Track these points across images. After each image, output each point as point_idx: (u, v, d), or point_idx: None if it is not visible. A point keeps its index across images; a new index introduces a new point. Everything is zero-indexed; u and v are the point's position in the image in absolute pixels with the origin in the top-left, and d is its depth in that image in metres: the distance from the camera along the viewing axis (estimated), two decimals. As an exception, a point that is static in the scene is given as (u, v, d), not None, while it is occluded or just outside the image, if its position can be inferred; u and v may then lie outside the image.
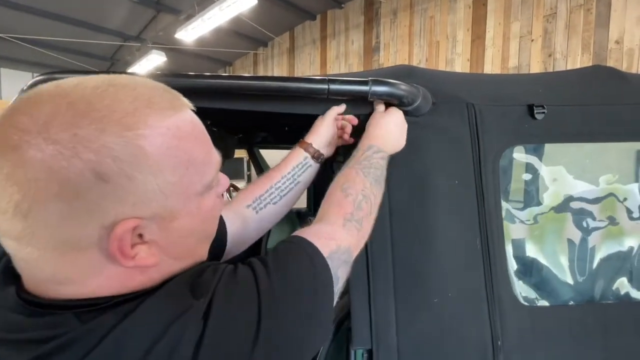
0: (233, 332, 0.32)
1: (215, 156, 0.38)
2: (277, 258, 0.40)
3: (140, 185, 0.30)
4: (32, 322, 0.30)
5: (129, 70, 5.34)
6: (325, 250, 0.43)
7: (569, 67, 3.07)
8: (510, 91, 0.80)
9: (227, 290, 0.33)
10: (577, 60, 3.03)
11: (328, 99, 0.69)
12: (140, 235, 0.32)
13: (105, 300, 0.31)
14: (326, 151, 0.72)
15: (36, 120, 0.27)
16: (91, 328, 0.29)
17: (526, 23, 3.30)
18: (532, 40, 3.26)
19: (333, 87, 0.67)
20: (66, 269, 0.30)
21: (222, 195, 0.43)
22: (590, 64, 2.96)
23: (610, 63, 2.86)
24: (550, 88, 0.81)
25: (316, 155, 0.70)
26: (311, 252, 0.42)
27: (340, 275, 0.44)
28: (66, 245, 0.29)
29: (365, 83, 0.68)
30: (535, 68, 3.24)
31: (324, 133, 0.71)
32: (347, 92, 0.68)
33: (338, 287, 0.44)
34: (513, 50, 3.37)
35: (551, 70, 3.16)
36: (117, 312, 0.30)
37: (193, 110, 0.36)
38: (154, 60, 4.95)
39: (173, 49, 5.19)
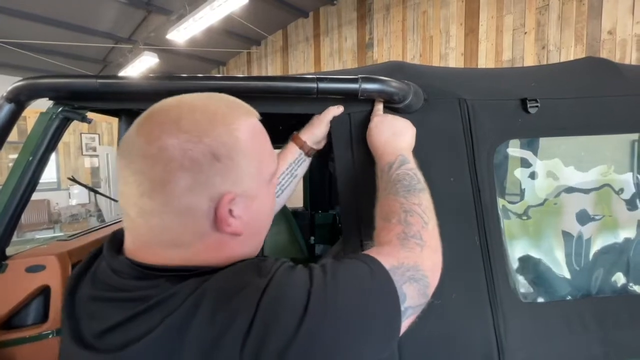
0: (281, 313, 0.34)
1: (275, 152, 0.47)
2: (335, 263, 0.41)
3: (237, 166, 0.39)
4: (134, 284, 0.38)
5: (122, 72, 5.29)
6: (386, 264, 0.43)
7: (563, 59, 3.06)
8: (503, 86, 0.79)
9: (285, 274, 0.38)
10: (571, 51, 3.02)
11: (317, 98, 0.68)
12: (231, 211, 0.39)
13: (194, 268, 0.38)
14: (317, 147, 0.76)
15: (170, 118, 0.38)
16: (177, 291, 0.35)
17: (519, 16, 3.28)
18: (526, 33, 3.25)
19: (322, 85, 0.66)
20: (183, 233, 0.38)
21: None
22: (584, 55, 2.96)
23: (604, 54, 2.86)
24: (543, 81, 0.81)
25: (309, 152, 0.75)
26: (370, 262, 0.42)
27: (407, 292, 0.42)
28: (187, 212, 0.37)
29: (355, 81, 0.67)
30: (529, 60, 3.23)
31: (318, 133, 0.74)
32: (336, 90, 0.67)
33: (406, 304, 0.42)
34: (507, 44, 3.36)
35: (545, 62, 3.15)
36: (198, 280, 0.36)
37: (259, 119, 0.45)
38: (146, 62, 4.89)
39: (165, 50, 5.13)
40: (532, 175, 0.79)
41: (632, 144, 0.84)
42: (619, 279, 0.79)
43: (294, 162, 0.74)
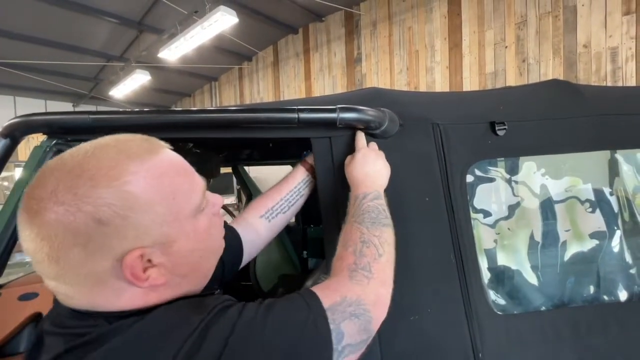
0: (203, 345, 0.36)
1: (199, 181, 0.44)
2: (274, 300, 0.42)
3: (136, 221, 0.37)
4: (76, 322, 0.39)
5: (114, 90, 5.32)
6: (327, 302, 0.43)
7: (542, 71, 3.19)
8: (473, 110, 0.84)
9: (220, 312, 0.39)
10: (550, 64, 3.16)
11: (298, 127, 0.72)
12: (149, 260, 0.38)
13: (130, 311, 0.39)
14: None
15: (46, 190, 0.36)
16: (114, 328, 0.37)
17: (499, 31, 3.43)
18: (506, 47, 3.39)
19: (303, 115, 0.71)
20: (96, 298, 0.38)
21: (219, 212, 0.48)
22: (562, 67, 3.09)
23: (580, 66, 2.99)
24: (510, 104, 0.86)
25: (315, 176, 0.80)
26: (310, 301, 0.43)
27: (345, 329, 0.42)
28: (91, 279, 0.37)
29: (333, 111, 0.71)
30: (511, 73, 3.36)
31: None
32: (316, 120, 0.72)
33: (343, 343, 0.42)
34: (489, 57, 3.49)
35: (526, 74, 3.28)
36: (135, 318, 0.37)
37: (171, 148, 0.43)
38: (138, 80, 4.95)
39: (157, 67, 5.20)
40: (503, 191, 0.84)
41: (609, 162, 0.89)
42: (590, 288, 0.84)
43: (301, 182, 0.81)
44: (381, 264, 0.53)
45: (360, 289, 0.48)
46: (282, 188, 0.80)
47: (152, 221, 0.38)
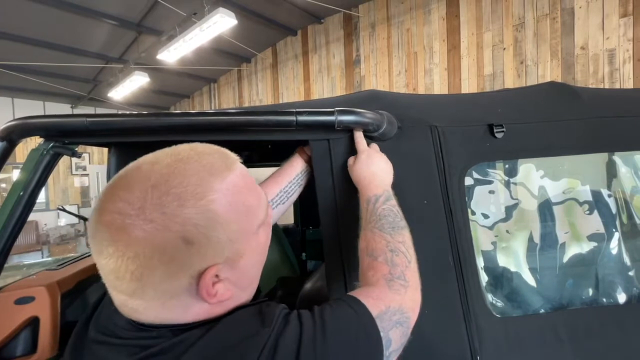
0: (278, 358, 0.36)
1: (263, 196, 0.45)
2: (324, 311, 0.43)
3: (216, 240, 0.38)
4: (138, 334, 0.39)
5: (113, 91, 5.31)
6: (374, 310, 0.44)
7: (540, 73, 3.20)
8: (471, 112, 0.84)
9: (281, 325, 0.39)
10: (547, 66, 3.17)
11: (297, 130, 0.72)
12: (217, 276, 0.39)
13: (194, 324, 0.39)
14: None
15: (132, 205, 0.35)
16: (181, 340, 0.37)
17: (497, 32, 3.44)
18: (504, 49, 3.40)
19: (301, 118, 0.70)
20: (165, 312, 0.38)
21: (270, 223, 0.49)
22: (559, 69, 3.10)
23: (578, 68, 3.00)
24: (508, 107, 0.87)
25: None
26: (358, 309, 0.44)
27: (392, 337, 0.45)
28: (166, 295, 0.37)
29: (331, 113, 0.71)
30: (509, 75, 3.37)
31: None
32: (314, 122, 0.72)
33: (390, 349, 0.44)
34: (487, 59, 3.50)
35: (524, 76, 3.29)
36: (202, 329, 0.38)
37: (241, 161, 0.44)
38: (137, 81, 4.93)
39: (156, 69, 5.20)
40: (501, 193, 0.84)
41: (607, 165, 0.89)
42: (589, 291, 0.84)
43: (300, 172, 0.80)
44: (412, 270, 0.55)
45: (400, 298, 0.49)
46: (281, 179, 0.78)
47: (227, 239, 0.39)
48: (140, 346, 0.38)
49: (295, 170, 0.79)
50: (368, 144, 0.73)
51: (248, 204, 0.41)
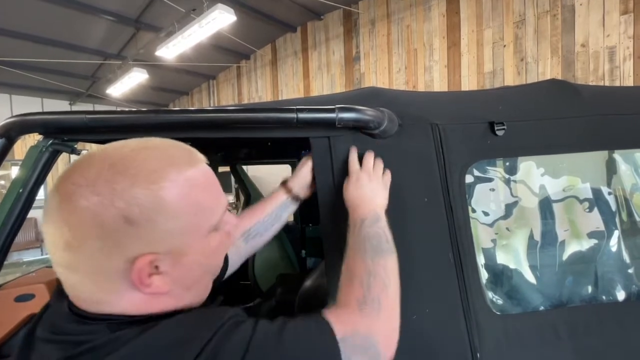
0: None
1: (222, 201, 0.45)
2: (286, 320, 0.43)
3: (158, 228, 0.38)
4: (74, 328, 0.39)
5: (111, 88, 5.29)
6: (339, 332, 0.44)
7: (541, 71, 3.19)
8: (472, 110, 0.84)
9: (229, 328, 0.39)
10: (548, 63, 3.16)
11: (297, 127, 0.72)
12: (157, 267, 0.39)
13: (130, 318, 0.39)
14: (304, 193, 0.80)
15: (87, 178, 0.36)
16: (116, 337, 0.36)
17: (498, 30, 3.43)
18: (505, 46, 3.38)
19: (301, 115, 0.70)
20: (99, 292, 0.39)
21: (230, 233, 0.48)
22: (560, 67, 3.09)
23: (578, 65, 3.00)
24: (509, 104, 0.86)
25: (295, 198, 0.81)
26: (323, 327, 0.44)
27: None
28: (99, 273, 0.37)
29: (332, 111, 0.71)
30: (509, 72, 3.36)
31: (305, 176, 0.79)
32: (315, 120, 0.71)
33: None
34: (487, 56, 3.49)
35: (524, 73, 3.28)
36: (138, 328, 0.37)
37: (207, 163, 0.44)
38: (135, 78, 4.91)
39: (155, 66, 5.17)
40: (501, 190, 0.84)
41: (607, 163, 0.89)
42: (589, 288, 0.84)
43: (279, 206, 0.79)
44: (389, 295, 0.54)
45: (370, 322, 0.48)
46: (259, 212, 0.78)
47: (172, 230, 0.39)
48: (73, 342, 0.37)
49: (273, 204, 0.78)
50: (368, 144, 0.73)
51: (201, 203, 0.41)
